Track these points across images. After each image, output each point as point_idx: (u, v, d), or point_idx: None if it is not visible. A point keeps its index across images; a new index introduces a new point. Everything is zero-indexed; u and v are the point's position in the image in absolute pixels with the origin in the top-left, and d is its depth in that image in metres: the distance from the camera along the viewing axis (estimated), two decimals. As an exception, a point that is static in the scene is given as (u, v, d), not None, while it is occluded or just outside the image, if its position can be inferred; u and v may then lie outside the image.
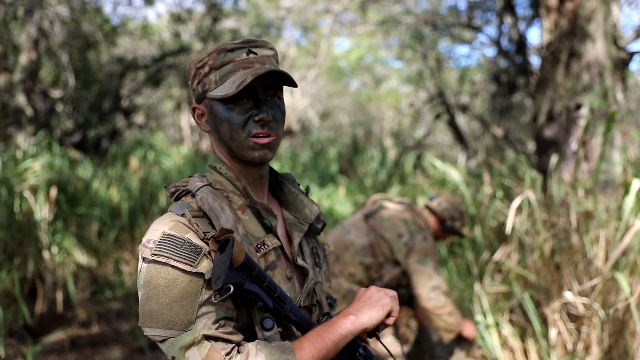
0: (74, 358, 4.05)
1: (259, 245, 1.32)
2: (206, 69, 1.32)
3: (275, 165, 9.45)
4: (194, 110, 1.38)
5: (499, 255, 3.73)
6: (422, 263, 2.92)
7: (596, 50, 4.73)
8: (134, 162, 8.53)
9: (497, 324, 3.47)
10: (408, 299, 3.08)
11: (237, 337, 1.21)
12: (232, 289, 1.15)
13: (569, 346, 3.06)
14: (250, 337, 1.26)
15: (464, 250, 4.40)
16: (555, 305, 3.08)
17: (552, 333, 3.10)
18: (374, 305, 1.33)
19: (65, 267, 4.81)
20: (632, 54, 5.06)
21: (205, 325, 1.18)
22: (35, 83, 8.13)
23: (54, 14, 7.86)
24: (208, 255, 1.22)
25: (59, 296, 4.64)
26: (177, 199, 1.36)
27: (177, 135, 17.99)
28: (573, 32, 4.78)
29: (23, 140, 7.17)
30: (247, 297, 1.21)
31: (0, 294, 3.95)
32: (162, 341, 1.19)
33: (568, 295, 3.00)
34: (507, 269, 3.67)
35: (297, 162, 10.65)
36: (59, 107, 8.47)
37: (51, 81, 8.51)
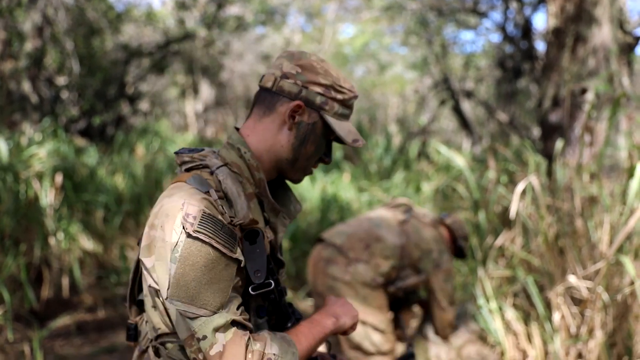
0: (80, 343, 4.09)
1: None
2: (339, 96, 1.38)
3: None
4: (299, 106, 1.36)
5: (502, 239, 3.73)
6: (447, 282, 3.20)
7: (602, 34, 4.69)
8: (139, 149, 8.54)
9: (500, 308, 3.48)
10: (412, 303, 3.38)
11: (250, 324, 1.24)
12: (272, 284, 1.27)
13: (573, 330, 3.07)
14: None
15: (468, 235, 4.39)
16: (559, 289, 3.08)
17: (556, 317, 3.11)
18: (347, 314, 1.44)
19: (71, 253, 4.83)
20: (638, 39, 5.01)
21: (231, 310, 1.20)
22: (40, 70, 8.12)
23: (58, 1, 7.84)
24: (238, 242, 1.25)
25: (65, 281, 4.67)
26: (188, 170, 1.32)
27: (181, 122, 18.01)
28: (579, 17, 4.74)
29: (28, 127, 7.17)
30: (268, 290, 1.29)
31: (6, 280, 3.98)
32: (193, 318, 1.17)
33: (572, 279, 3.00)
34: (511, 253, 3.68)
35: (302, 149, 10.61)
36: (64, 94, 8.47)
37: (56, 68, 8.51)
